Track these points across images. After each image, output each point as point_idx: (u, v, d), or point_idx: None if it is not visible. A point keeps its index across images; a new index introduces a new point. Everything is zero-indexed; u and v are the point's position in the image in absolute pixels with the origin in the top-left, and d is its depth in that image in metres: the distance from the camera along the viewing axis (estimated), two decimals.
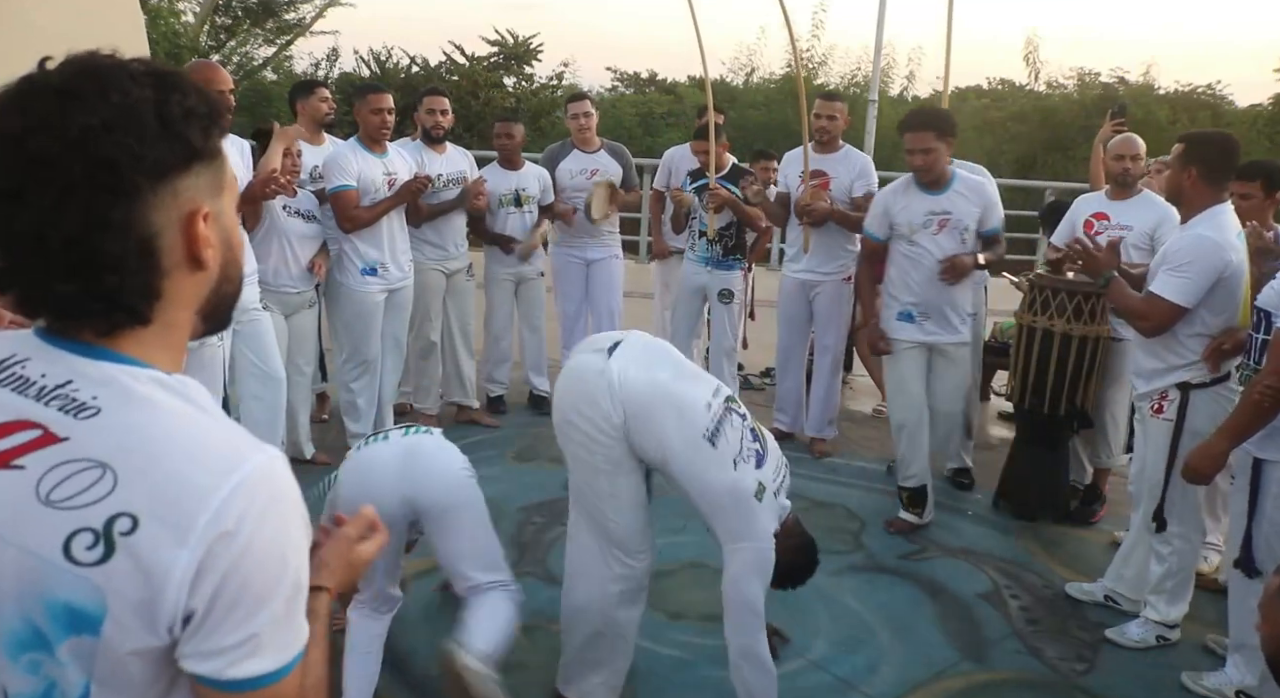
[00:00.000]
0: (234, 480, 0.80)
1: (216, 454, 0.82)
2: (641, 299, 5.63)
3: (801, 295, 4.72)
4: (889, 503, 4.12)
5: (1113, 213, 3.88)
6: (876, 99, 6.61)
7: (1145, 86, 17.20)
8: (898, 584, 3.47)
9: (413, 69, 18.22)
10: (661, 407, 2.36)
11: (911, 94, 17.84)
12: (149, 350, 0.88)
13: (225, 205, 0.91)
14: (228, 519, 0.78)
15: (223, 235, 0.91)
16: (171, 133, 0.83)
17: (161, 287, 0.86)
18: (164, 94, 0.83)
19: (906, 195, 3.79)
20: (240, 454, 0.83)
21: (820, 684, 2.84)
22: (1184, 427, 2.98)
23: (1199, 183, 2.96)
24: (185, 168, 0.85)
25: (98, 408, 0.83)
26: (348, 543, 1.13)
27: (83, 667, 0.80)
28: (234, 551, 0.78)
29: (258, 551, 0.80)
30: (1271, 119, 15.59)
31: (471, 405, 4.88)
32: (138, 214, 0.82)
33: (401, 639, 2.92)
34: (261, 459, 0.83)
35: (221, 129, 0.90)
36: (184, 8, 16.61)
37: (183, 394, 0.86)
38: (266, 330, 3.71)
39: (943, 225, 3.73)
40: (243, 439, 0.85)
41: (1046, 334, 3.85)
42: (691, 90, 17.59)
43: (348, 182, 4.04)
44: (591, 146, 5.05)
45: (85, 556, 0.78)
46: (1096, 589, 3.40)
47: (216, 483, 0.79)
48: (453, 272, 4.64)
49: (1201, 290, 2.89)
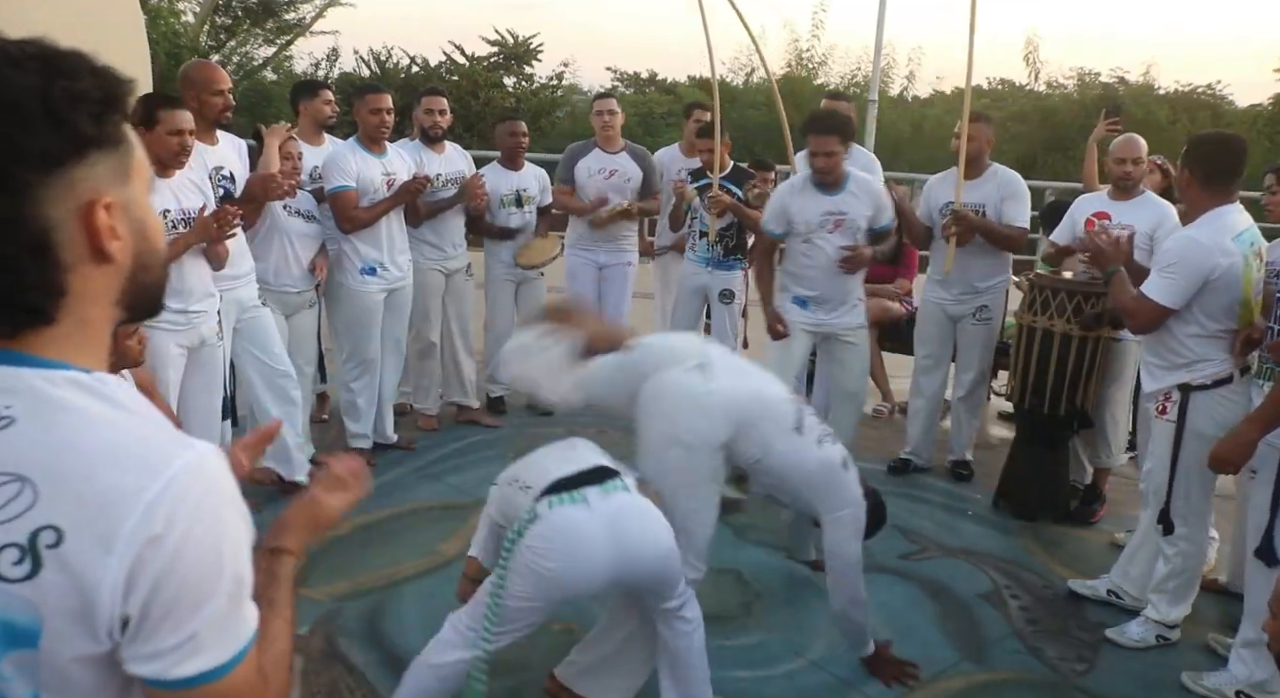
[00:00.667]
0: (161, 481, 0.77)
1: (141, 456, 0.79)
2: (642, 299, 5.63)
3: None
4: (890, 503, 4.10)
5: (1114, 213, 3.88)
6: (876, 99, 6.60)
7: (1145, 86, 17.22)
8: (898, 584, 3.47)
9: (413, 69, 18.25)
10: (761, 413, 2.59)
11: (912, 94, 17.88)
12: (63, 349, 0.83)
13: (134, 193, 0.87)
14: (156, 522, 0.76)
15: (134, 225, 0.87)
16: (58, 121, 0.78)
17: (65, 283, 0.82)
18: (49, 79, 0.78)
19: (804, 195, 3.92)
20: (167, 453, 0.80)
21: (820, 684, 2.84)
22: (1185, 428, 2.98)
23: (1194, 185, 2.96)
24: (79, 157, 0.81)
25: (11, 418, 0.79)
26: (312, 503, 1.11)
27: (28, 679, 0.79)
28: (165, 553, 0.77)
29: (191, 551, 0.78)
30: (1271, 119, 15.61)
31: (471, 405, 4.88)
32: (27, 210, 0.78)
33: (401, 639, 2.92)
34: (190, 456, 0.80)
35: (122, 112, 0.85)
36: (184, 8, 16.63)
37: (102, 394, 0.82)
38: (268, 325, 3.70)
39: (838, 225, 3.88)
40: (169, 437, 0.82)
41: (1046, 334, 3.85)
42: (691, 90, 17.60)
43: (347, 182, 4.03)
44: (614, 146, 5.01)
45: (13, 571, 0.76)
46: (1100, 585, 3.40)
47: (142, 486, 0.77)
48: (451, 271, 4.64)
49: (1188, 292, 2.89)
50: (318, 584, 3.21)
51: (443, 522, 3.76)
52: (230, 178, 3.62)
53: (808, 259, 3.94)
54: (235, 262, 3.48)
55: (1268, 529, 2.74)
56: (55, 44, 0.83)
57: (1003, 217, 4.16)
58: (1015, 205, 4.17)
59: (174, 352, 3.23)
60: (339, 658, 2.82)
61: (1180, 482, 3.01)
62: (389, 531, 3.67)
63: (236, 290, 3.56)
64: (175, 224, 3.16)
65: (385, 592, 3.20)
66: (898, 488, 4.32)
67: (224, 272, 3.42)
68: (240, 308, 3.60)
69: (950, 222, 4.08)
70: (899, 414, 5.19)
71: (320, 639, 2.90)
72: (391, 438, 4.47)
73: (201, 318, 3.30)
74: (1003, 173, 4.24)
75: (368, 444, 4.33)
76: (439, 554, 3.48)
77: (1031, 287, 4.00)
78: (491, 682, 2.24)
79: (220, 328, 3.42)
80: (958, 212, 4.07)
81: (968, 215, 4.08)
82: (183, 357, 3.28)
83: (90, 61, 0.83)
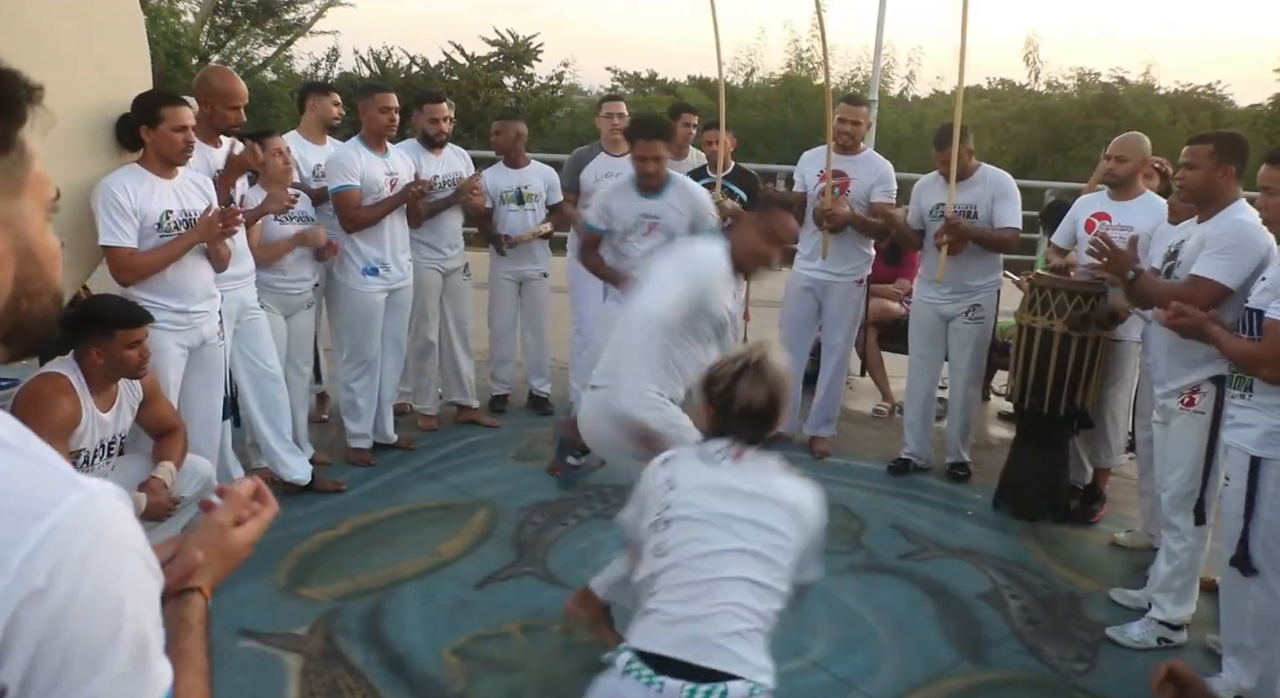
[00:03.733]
0: (42, 529, 0.66)
1: (18, 500, 0.67)
2: None
3: (809, 295, 4.70)
4: (890, 503, 4.12)
5: (1114, 213, 3.87)
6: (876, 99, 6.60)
7: (1145, 86, 17.22)
8: (898, 584, 3.47)
9: (413, 69, 18.27)
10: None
11: (912, 94, 17.87)
12: None
13: (25, 208, 0.77)
14: (36, 576, 0.65)
15: (18, 243, 0.76)
16: None
17: None
18: None
19: (624, 196, 3.92)
20: (50, 495, 0.68)
21: (820, 684, 2.84)
22: (1220, 420, 2.93)
23: (1229, 176, 2.96)
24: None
25: None
26: (218, 531, 1.02)
27: None
28: (47, 612, 0.65)
29: (79, 608, 0.66)
30: (1271, 119, 15.61)
31: (471, 405, 4.88)
32: None
33: (401, 639, 2.93)
34: (77, 498, 0.69)
35: (17, 116, 0.75)
36: (184, 8, 16.64)
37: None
38: (264, 329, 3.71)
39: (652, 228, 3.89)
40: (55, 476, 0.70)
41: (1046, 334, 3.85)
42: (691, 90, 17.60)
43: (351, 182, 4.03)
44: (620, 150, 4.97)
45: None
46: (1142, 596, 3.34)
47: (19, 535, 0.65)
48: (449, 271, 4.64)
49: (1245, 273, 2.86)
50: (318, 584, 3.22)
51: (443, 522, 3.76)
52: None
53: (625, 259, 3.93)
54: (238, 261, 3.49)
55: (1242, 538, 2.71)
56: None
57: (994, 217, 4.18)
58: (1006, 206, 4.18)
59: (175, 351, 3.23)
60: (339, 658, 2.82)
61: (1216, 473, 2.97)
62: (389, 530, 3.67)
63: (239, 290, 3.56)
64: (177, 225, 3.16)
65: (385, 592, 3.20)
66: (898, 488, 4.32)
67: (227, 272, 3.42)
68: (242, 308, 3.61)
69: (941, 230, 4.10)
70: (898, 414, 5.19)
71: (320, 639, 2.90)
72: (391, 438, 4.47)
73: (203, 318, 3.30)
74: (992, 174, 4.25)
75: (368, 444, 4.33)
76: (439, 554, 3.48)
77: (1031, 286, 4.00)
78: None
79: (221, 328, 3.42)
80: (950, 220, 4.09)
81: (959, 223, 4.09)
82: (184, 356, 3.28)
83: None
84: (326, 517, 3.72)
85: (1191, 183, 3.04)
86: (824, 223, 4.41)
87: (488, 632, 2.97)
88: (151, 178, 3.12)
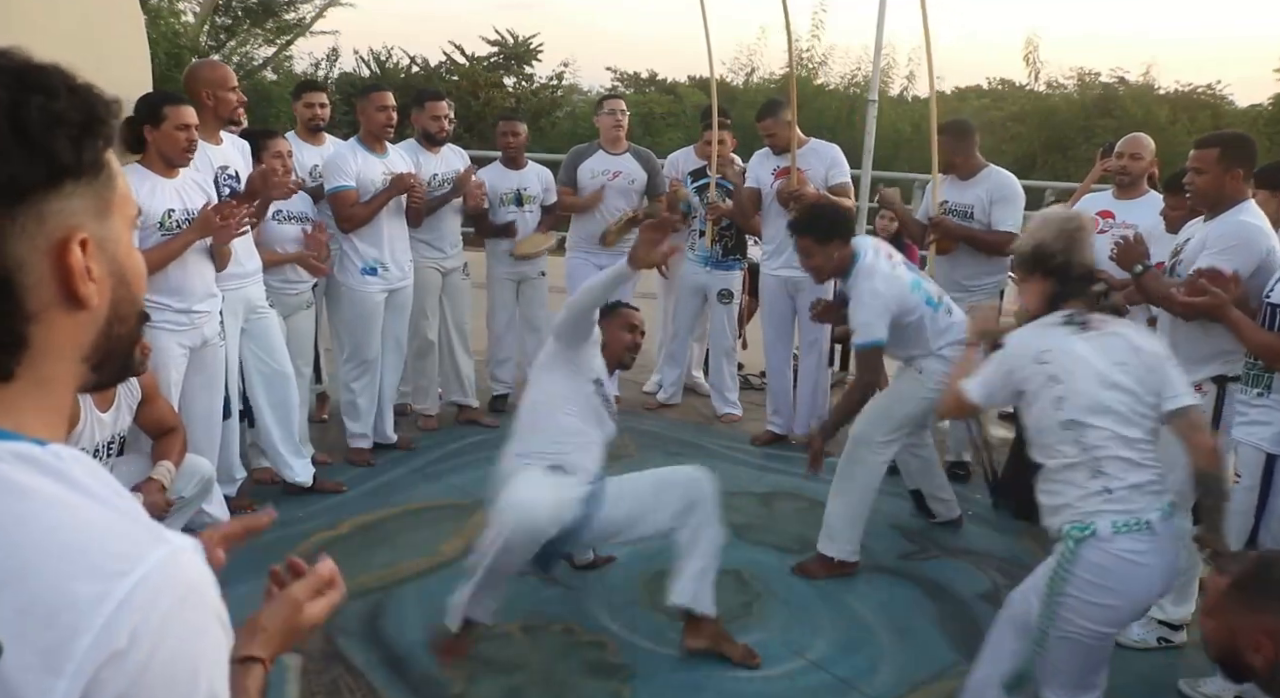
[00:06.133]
0: (126, 586, 0.63)
1: (102, 554, 0.64)
2: (647, 299, 5.62)
3: (784, 293, 4.69)
4: (889, 503, 4.12)
5: (1118, 211, 3.88)
6: (876, 99, 6.59)
7: (1145, 86, 17.19)
8: (898, 584, 3.47)
9: (413, 69, 18.25)
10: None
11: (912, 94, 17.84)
12: (16, 415, 0.70)
13: (116, 229, 0.75)
14: (119, 636, 0.62)
15: (112, 266, 0.74)
16: (29, 144, 0.67)
17: (27, 333, 0.69)
18: (21, 96, 0.68)
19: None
20: (135, 551, 0.65)
21: (820, 684, 2.84)
22: (1221, 422, 2.92)
23: (1238, 178, 2.95)
24: (52, 187, 0.69)
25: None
26: (293, 606, 1.01)
27: None
28: (128, 672, 0.63)
29: (159, 669, 0.64)
30: (1271, 119, 15.59)
31: (471, 405, 4.88)
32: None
33: (401, 639, 2.93)
34: (162, 554, 0.66)
35: (105, 138, 0.73)
36: (184, 8, 16.60)
37: (58, 473, 0.67)
38: (273, 328, 3.72)
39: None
40: (139, 530, 0.67)
41: None
42: (691, 90, 17.60)
43: (346, 182, 4.04)
44: (618, 148, 4.99)
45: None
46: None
47: (103, 592, 0.63)
48: (448, 271, 4.64)
49: (1245, 273, 2.86)
50: None
51: (443, 522, 3.76)
52: (235, 177, 3.62)
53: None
54: (242, 259, 3.49)
55: (1251, 535, 2.71)
56: (30, 55, 0.71)
57: (991, 219, 4.16)
58: (1004, 209, 4.16)
59: (176, 351, 3.23)
60: (339, 658, 2.82)
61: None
62: (389, 530, 3.67)
63: (245, 288, 3.56)
64: (179, 224, 3.17)
65: (385, 592, 3.20)
66: (898, 488, 4.32)
67: (231, 270, 3.42)
68: (248, 307, 3.61)
69: (928, 228, 4.11)
70: None
71: (320, 639, 2.89)
72: (391, 438, 4.47)
73: (204, 318, 3.30)
74: (996, 175, 4.24)
75: (368, 444, 4.34)
76: (439, 554, 3.48)
77: None
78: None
79: (223, 328, 3.42)
80: (934, 218, 4.08)
81: (944, 221, 4.08)
82: (184, 356, 3.28)
83: (69, 78, 0.72)
84: (327, 517, 3.71)
85: (1201, 188, 3.01)
86: (790, 204, 4.37)
87: (488, 632, 2.97)
88: (153, 177, 3.13)
